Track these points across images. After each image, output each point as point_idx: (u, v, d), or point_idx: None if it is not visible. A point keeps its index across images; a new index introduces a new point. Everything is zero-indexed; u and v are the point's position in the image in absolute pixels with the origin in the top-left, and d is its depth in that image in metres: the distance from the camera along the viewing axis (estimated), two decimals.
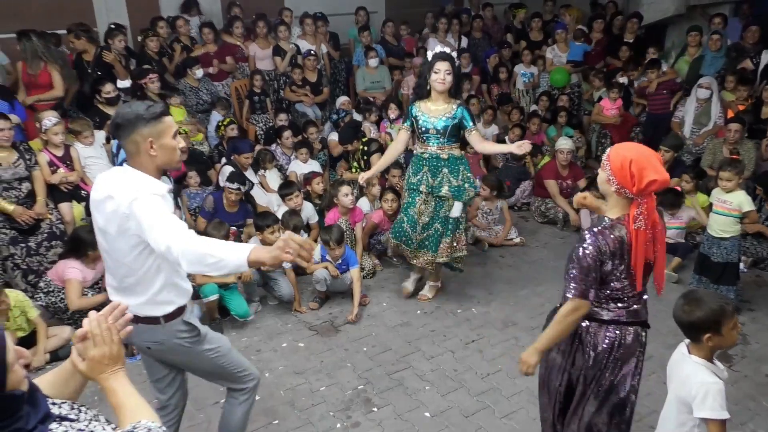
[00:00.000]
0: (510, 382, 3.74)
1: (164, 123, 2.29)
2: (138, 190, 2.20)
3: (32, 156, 4.69)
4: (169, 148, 2.31)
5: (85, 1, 7.16)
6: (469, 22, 8.74)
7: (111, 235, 2.28)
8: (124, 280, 2.37)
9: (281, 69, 7.39)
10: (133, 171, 2.29)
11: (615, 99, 7.21)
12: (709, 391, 2.14)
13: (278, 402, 3.61)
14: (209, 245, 2.10)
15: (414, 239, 4.46)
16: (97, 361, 1.54)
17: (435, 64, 4.11)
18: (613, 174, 2.25)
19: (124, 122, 2.25)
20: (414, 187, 4.39)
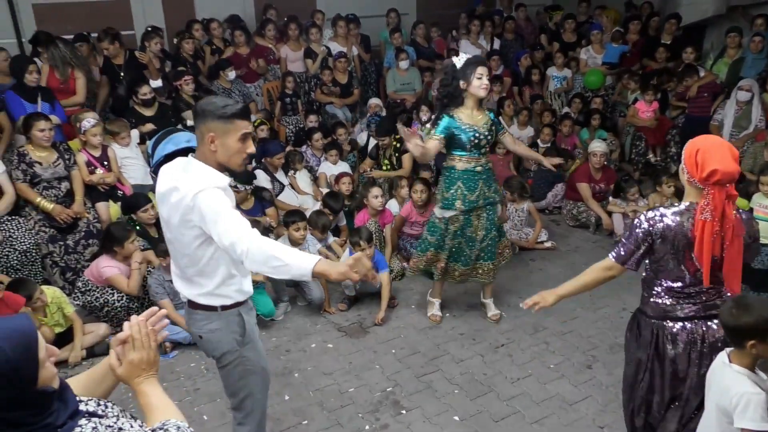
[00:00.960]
0: (541, 388, 3.69)
1: (233, 124, 2.31)
2: (202, 183, 2.25)
3: (71, 156, 4.81)
4: (232, 149, 2.33)
5: (123, 4, 7.33)
6: (501, 24, 8.67)
7: (174, 225, 2.34)
8: (186, 270, 2.44)
9: (312, 71, 7.45)
10: (196, 163, 2.35)
11: (651, 101, 7.07)
12: (750, 402, 2.08)
13: (307, 402, 3.63)
14: (277, 248, 2.16)
15: (471, 256, 4.24)
16: (135, 364, 1.57)
17: (476, 70, 3.85)
18: (684, 163, 2.36)
19: (198, 111, 2.35)
20: (474, 206, 4.08)
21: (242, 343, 2.52)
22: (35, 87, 5.12)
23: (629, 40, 8.10)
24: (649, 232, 2.39)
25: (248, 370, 2.57)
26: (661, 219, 2.37)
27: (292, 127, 7.10)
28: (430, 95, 7.71)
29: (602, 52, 7.96)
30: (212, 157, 2.34)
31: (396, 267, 5.10)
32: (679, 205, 2.40)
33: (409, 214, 5.26)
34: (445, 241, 4.21)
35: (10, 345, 1.25)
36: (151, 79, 6.20)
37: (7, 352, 1.24)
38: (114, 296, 4.23)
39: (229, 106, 2.32)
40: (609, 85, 7.94)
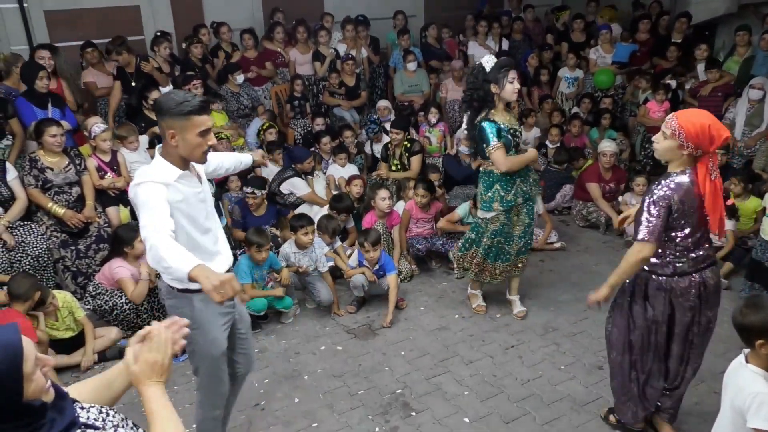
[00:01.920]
0: (551, 389, 3.67)
1: (191, 121, 2.38)
2: (143, 178, 2.39)
3: (82, 161, 4.85)
4: (192, 143, 2.42)
5: (133, 10, 7.39)
6: (509, 25, 8.65)
7: None
8: None
9: (320, 74, 7.47)
10: (157, 159, 2.49)
11: (662, 101, 7.01)
12: (764, 402, 2.07)
13: (317, 404, 3.63)
14: (169, 251, 2.24)
15: (511, 251, 4.28)
16: (149, 365, 1.57)
17: (509, 74, 3.85)
18: (688, 140, 2.58)
19: (157, 108, 2.47)
20: (513, 205, 4.09)
21: (191, 326, 2.51)
22: (45, 93, 5.17)
23: (639, 39, 8.04)
24: (668, 198, 2.62)
25: (195, 351, 2.70)
26: (674, 186, 2.63)
27: (300, 130, 7.11)
28: (438, 97, 7.71)
29: (611, 51, 7.91)
30: (174, 152, 2.45)
31: (405, 269, 5.09)
32: (677, 173, 2.66)
33: (413, 209, 5.26)
34: (483, 239, 4.25)
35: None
36: (161, 86, 6.24)
37: None
38: (122, 299, 4.25)
39: (186, 102, 2.37)
40: (619, 85, 7.89)
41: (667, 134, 2.65)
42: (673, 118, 2.64)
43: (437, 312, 4.61)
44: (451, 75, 7.68)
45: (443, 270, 5.29)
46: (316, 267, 4.68)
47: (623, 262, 2.78)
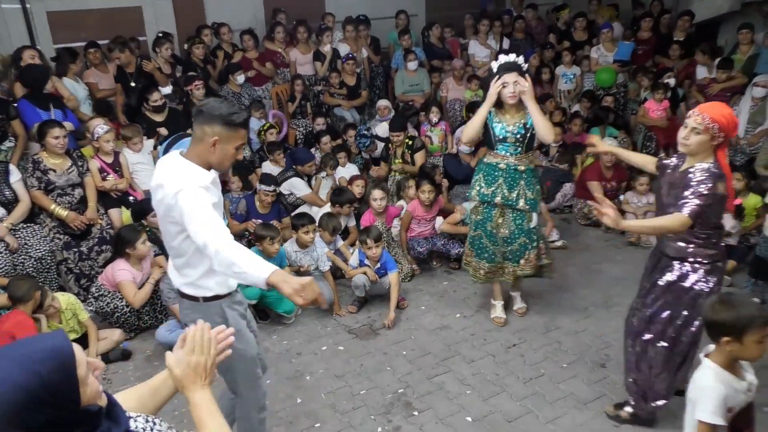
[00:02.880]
0: (554, 387, 3.66)
1: (237, 133, 2.42)
2: (184, 182, 2.33)
3: (84, 163, 4.87)
4: (228, 154, 2.44)
5: (135, 11, 7.41)
6: (511, 23, 8.64)
7: (160, 217, 2.48)
8: (174, 261, 2.57)
9: (321, 73, 7.47)
10: (183, 161, 2.43)
11: (661, 100, 7.00)
12: (704, 395, 2.14)
13: (319, 405, 3.63)
14: (240, 255, 2.23)
15: (497, 253, 4.22)
16: (192, 368, 1.55)
17: (501, 78, 3.86)
18: (721, 131, 2.74)
19: (207, 111, 2.39)
20: (487, 200, 4.10)
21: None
22: (47, 94, 5.18)
23: (641, 38, 8.03)
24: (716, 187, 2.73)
25: (232, 362, 2.55)
26: (717, 173, 2.75)
27: (302, 129, 7.12)
28: (438, 96, 7.71)
29: (613, 50, 7.90)
30: (205, 157, 2.42)
31: (405, 269, 5.09)
32: (711, 164, 2.79)
33: (415, 209, 5.26)
34: (471, 230, 4.34)
35: (45, 368, 1.17)
36: (161, 86, 6.26)
37: (42, 374, 1.16)
38: (123, 301, 4.27)
39: (236, 114, 2.41)
40: (621, 83, 7.88)
41: (699, 129, 2.75)
42: (703, 114, 2.74)
43: (438, 311, 4.61)
44: (452, 74, 7.67)
45: (444, 269, 5.29)
46: (317, 266, 4.69)
47: (655, 221, 2.90)
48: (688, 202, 2.74)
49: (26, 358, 1.17)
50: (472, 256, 4.35)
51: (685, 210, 2.73)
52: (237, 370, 2.69)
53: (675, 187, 2.89)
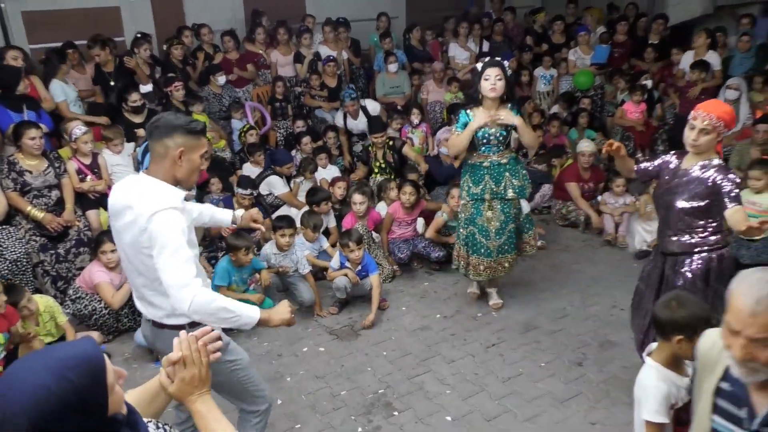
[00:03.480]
0: (532, 386, 3.71)
1: (200, 141, 2.36)
2: (158, 203, 2.21)
3: (61, 164, 4.82)
4: (194, 164, 2.35)
5: (113, 11, 7.33)
6: (490, 26, 8.72)
7: (126, 244, 2.32)
8: (143, 291, 2.39)
9: (302, 75, 7.47)
10: (150, 180, 2.31)
11: (639, 102, 7.12)
12: (647, 395, 2.19)
13: (299, 406, 3.64)
14: (225, 301, 2.24)
15: (492, 248, 4.32)
16: (187, 382, 1.53)
17: (485, 72, 4.06)
18: (726, 125, 2.89)
19: (165, 124, 2.30)
20: (477, 197, 4.27)
21: (224, 350, 2.47)
22: (21, 96, 5.10)
23: (617, 41, 8.15)
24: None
25: (236, 370, 2.56)
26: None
27: (282, 131, 7.11)
28: (419, 98, 7.75)
29: (590, 52, 8.02)
30: (171, 173, 2.31)
31: (386, 269, 5.11)
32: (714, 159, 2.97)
33: (396, 212, 5.29)
34: (461, 229, 4.44)
35: (76, 373, 1.17)
36: (141, 85, 6.21)
37: (74, 381, 1.16)
38: (101, 304, 4.23)
39: (194, 122, 2.34)
40: (598, 85, 7.99)
41: (708, 129, 2.89)
42: (710, 114, 2.88)
43: (419, 312, 4.64)
44: (433, 77, 7.72)
45: (425, 270, 5.33)
46: (297, 269, 4.69)
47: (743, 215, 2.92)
48: (728, 197, 2.88)
49: (58, 364, 1.17)
50: (467, 255, 4.42)
51: (735, 203, 2.88)
52: (240, 381, 2.58)
53: (680, 185, 3.04)
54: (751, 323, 1.50)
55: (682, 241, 3.10)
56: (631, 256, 5.47)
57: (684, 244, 3.10)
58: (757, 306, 1.49)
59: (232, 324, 2.26)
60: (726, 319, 1.58)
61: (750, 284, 1.53)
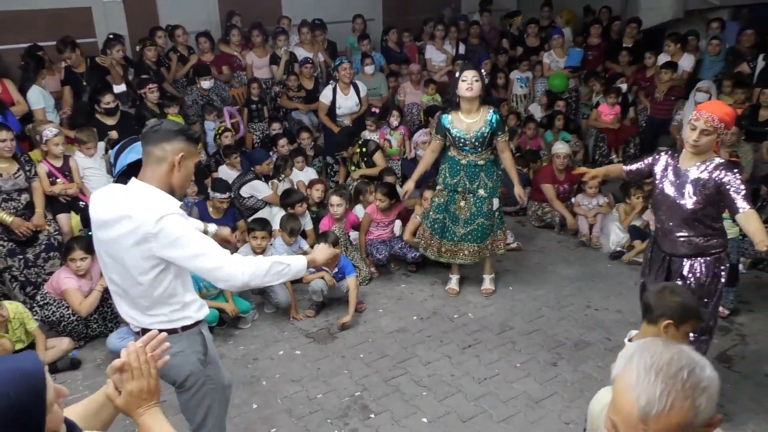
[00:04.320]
0: (507, 386, 3.73)
1: (196, 148, 2.39)
2: (162, 208, 2.16)
3: (32, 167, 4.71)
4: (190, 172, 2.34)
5: (84, 12, 7.23)
6: (466, 29, 8.77)
7: (122, 256, 2.22)
8: (138, 301, 2.31)
9: (278, 77, 7.43)
10: (145, 186, 2.24)
11: (613, 104, 7.23)
12: None
13: (275, 410, 3.61)
14: (267, 260, 2.31)
15: (456, 232, 4.60)
16: (135, 395, 1.48)
17: (462, 74, 4.26)
18: (726, 126, 2.91)
19: (165, 129, 2.28)
20: (452, 188, 4.53)
21: (205, 362, 2.46)
22: None
23: (591, 44, 8.26)
24: None
25: (212, 389, 2.50)
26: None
27: (259, 133, 7.07)
28: (396, 100, 7.76)
29: (564, 56, 8.11)
30: (168, 179, 2.26)
31: (363, 272, 5.11)
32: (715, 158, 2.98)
33: (374, 213, 5.30)
34: (431, 213, 4.70)
35: (15, 389, 1.13)
36: (115, 85, 6.12)
37: (11, 397, 1.12)
38: (69, 310, 4.15)
39: (191, 130, 2.38)
40: (572, 88, 8.09)
41: (709, 131, 2.91)
42: (711, 115, 2.89)
43: (396, 314, 4.64)
44: (409, 79, 7.74)
45: (402, 272, 5.33)
46: None
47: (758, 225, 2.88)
48: (740, 197, 2.89)
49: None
50: (430, 236, 4.70)
51: (748, 204, 2.88)
52: (211, 400, 2.51)
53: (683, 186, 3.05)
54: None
55: (685, 243, 3.12)
56: (605, 256, 5.53)
57: (688, 246, 3.12)
58: (648, 408, 1.11)
59: (287, 276, 2.34)
60: (609, 414, 1.22)
61: (639, 376, 1.14)
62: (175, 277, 2.29)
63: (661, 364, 1.13)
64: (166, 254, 2.18)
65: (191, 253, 2.18)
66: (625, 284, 4.96)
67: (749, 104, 6.32)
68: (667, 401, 1.10)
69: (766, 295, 4.75)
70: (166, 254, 2.18)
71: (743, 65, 6.99)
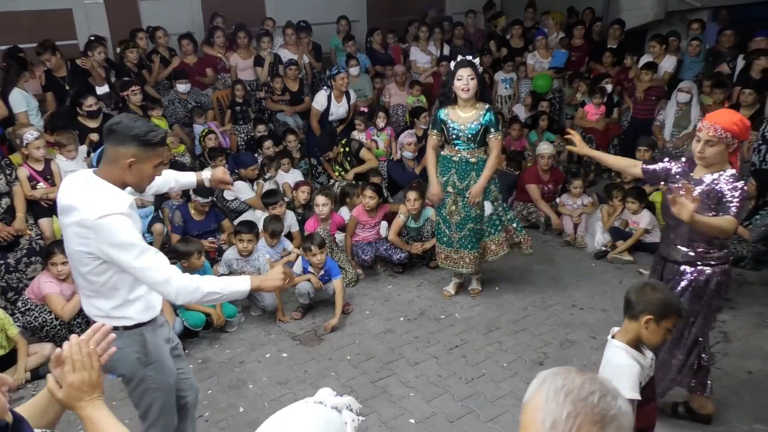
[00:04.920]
0: (494, 386, 3.75)
1: (155, 152, 2.30)
2: (105, 207, 2.18)
3: (12, 171, 4.65)
4: (146, 174, 2.32)
5: (65, 14, 7.15)
6: (450, 30, 8.80)
7: (72, 243, 2.29)
8: (83, 290, 2.40)
9: (262, 78, 7.40)
10: (99, 182, 2.27)
11: (599, 105, 7.29)
12: (623, 373, 2.27)
13: (262, 414, 3.58)
14: (210, 283, 2.27)
15: (453, 238, 4.60)
16: (76, 387, 1.46)
17: (457, 72, 4.21)
18: (735, 136, 2.82)
19: (120, 131, 2.24)
20: (442, 187, 4.51)
21: (145, 362, 2.46)
22: None
23: (574, 45, 8.33)
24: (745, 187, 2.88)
25: (151, 388, 2.52)
26: (741, 177, 2.88)
27: (243, 135, 7.03)
28: (381, 101, 7.77)
29: (548, 56, 8.16)
30: (120, 178, 2.28)
31: (350, 273, 5.10)
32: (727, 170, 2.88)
33: (360, 215, 5.29)
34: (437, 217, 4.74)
35: None
36: (97, 86, 6.06)
37: None
38: (52, 315, 4.09)
39: (153, 132, 2.28)
40: (556, 89, 8.14)
41: (714, 141, 2.82)
42: (714, 125, 2.80)
43: (383, 315, 4.64)
44: (394, 80, 7.75)
45: (389, 274, 5.33)
46: (260, 273, 4.63)
47: (715, 221, 2.82)
48: (731, 205, 2.82)
49: None
50: (454, 252, 4.71)
51: (731, 211, 2.81)
52: (152, 398, 2.54)
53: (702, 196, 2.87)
54: None
55: (686, 252, 3.06)
56: (590, 256, 5.58)
57: (688, 254, 3.05)
58: (553, 430, 1.07)
59: (223, 300, 2.36)
60: None
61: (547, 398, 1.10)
62: (116, 274, 2.30)
63: (571, 387, 1.09)
64: (104, 253, 2.21)
65: (132, 263, 2.20)
66: (609, 283, 5.00)
67: (729, 104, 6.40)
68: (573, 423, 1.05)
69: (747, 292, 4.81)
70: (105, 253, 2.21)
71: (723, 65, 7.08)
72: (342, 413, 1.26)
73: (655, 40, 7.33)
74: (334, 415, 1.23)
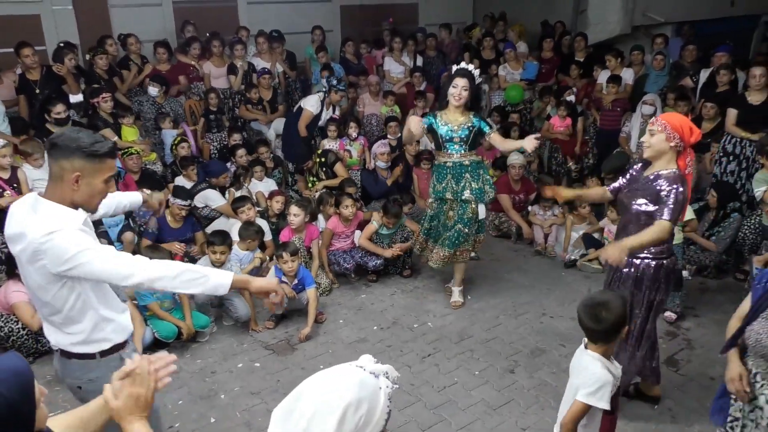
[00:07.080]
0: (466, 394, 3.79)
1: (103, 164, 2.16)
2: (54, 224, 2.06)
3: None
4: (96, 190, 2.18)
5: (32, 19, 7.02)
6: (423, 41, 8.90)
7: (28, 272, 2.15)
8: (51, 319, 2.25)
9: (235, 87, 7.38)
10: (46, 203, 2.13)
11: (564, 117, 7.45)
12: (604, 385, 2.35)
13: (234, 423, 3.57)
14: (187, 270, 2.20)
15: (439, 232, 4.72)
16: (133, 399, 1.53)
17: (454, 79, 4.39)
18: (674, 131, 3.02)
19: (63, 144, 2.11)
20: (440, 196, 4.60)
21: None
22: None
23: (544, 58, 8.50)
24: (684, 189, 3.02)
25: None
26: (681, 176, 3.04)
27: (216, 144, 6.99)
28: (355, 111, 7.81)
29: (518, 68, 8.32)
30: (69, 196, 2.14)
31: (324, 283, 5.10)
32: (675, 172, 3.05)
33: (336, 226, 5.31)
34: (424, 223, 4.85)
35: (7, 387, 1.18)
36: (71, 94, 5.96)
37: (4, 394, 1.17)
38: (18, 324, 4.01)
39: (99, 143, 2.14)
40: (527, 100, 8.29)
41: (655, 131, 3.07)
42: (664, 123, 3.06)
43: (356, 324, 4.66)
44: (368, 90, 7.80)
45: (362, 282, 5.35)
46: None
47: (647, 235, 2.99)
48: (666, 208, 3.00)
49: None
50: (425, 242, 4.84)
51: (665, 216, 2.99)
52: None
53: (638, 190, 3.17)
54: None
55: None
56: (560, 265, 5.68)
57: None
58: None
59: (202, 287, 2.19)
60: None
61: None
62: (81, 294, 2.19)
63: None
64: (63, 270, 2.07)
65: (92, 269, 2.09)
66: (579, 291, 5.10)
67: (692, 116, 6.60)
68: None
69: (710, 300, 4.96)
70: (64, 270, 2.07)
71: (686, 79, 7.30)
72: (379, 378, 1.34)
73: (611, 54, 7.55)
74: (371, 380, 1.32)
